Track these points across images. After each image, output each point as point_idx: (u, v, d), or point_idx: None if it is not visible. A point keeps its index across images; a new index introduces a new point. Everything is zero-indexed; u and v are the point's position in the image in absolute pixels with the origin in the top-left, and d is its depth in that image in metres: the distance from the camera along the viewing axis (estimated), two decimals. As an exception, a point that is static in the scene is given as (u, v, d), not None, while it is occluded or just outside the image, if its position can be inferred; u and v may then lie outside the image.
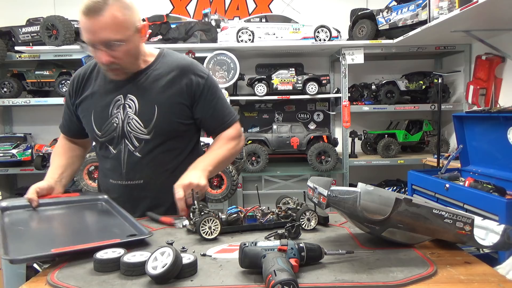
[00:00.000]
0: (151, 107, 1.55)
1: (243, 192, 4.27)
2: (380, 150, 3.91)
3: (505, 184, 2.29)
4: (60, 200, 1.48)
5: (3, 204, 1.37)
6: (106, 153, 1.63)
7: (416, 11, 3.49)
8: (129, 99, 1.56)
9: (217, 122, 1.68)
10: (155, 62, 1.61)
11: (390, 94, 3.99)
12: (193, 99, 1.61)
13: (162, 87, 1.57)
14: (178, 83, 1.58)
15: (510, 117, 2.33)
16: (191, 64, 1.63)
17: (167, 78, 1.58)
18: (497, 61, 3.35)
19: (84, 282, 0.95)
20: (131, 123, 1.56)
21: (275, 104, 4.59)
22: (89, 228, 1.37)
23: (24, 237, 1.23)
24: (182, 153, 1.66)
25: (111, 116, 1.57)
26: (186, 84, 1.58)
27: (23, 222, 1.33)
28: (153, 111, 1.55)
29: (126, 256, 1.00)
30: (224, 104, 1.70)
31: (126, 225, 1.30)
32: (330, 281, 0.92)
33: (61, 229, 1.36)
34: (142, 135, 1.56)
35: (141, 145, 1.57)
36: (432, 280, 0.94)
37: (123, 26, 1.41)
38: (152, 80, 1.58)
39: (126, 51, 1.45)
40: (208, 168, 1.54)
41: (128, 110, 1.56)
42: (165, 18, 4.02)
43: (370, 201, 1.10)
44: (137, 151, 1.57)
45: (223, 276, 0.97)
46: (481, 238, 1.13)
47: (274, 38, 3.87)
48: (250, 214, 1.35)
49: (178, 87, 1.58)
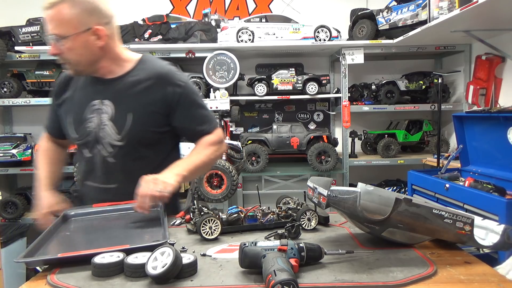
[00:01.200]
0: (125, 114, 1.54)
1: (243, 192, 4.27)
2: (380, 150, 3.91)
3: (505, 184, 2.29)
4: (118, 207, 1.53)
5: (68, 212, 1.50)
6: (83, 155, 1.63)
7: (416, 11, 3.49)
8: (105, 105, 1.56)
9: (196, 129, 1.65)
10: (134, 69, 1.60)
11: (390, 94, 3.99)
12: (169, 108, 1.59)
13: (137, 94, 1.55)
14: (154, 92, 1.56)
15: (510, 117, 2.33)
16: (168, 73, 1.60)
17: (144, 85, 1.56)
18: (497, 61, 3.35)
19: (84, 282, 0.95)
20: (105, 128, 1.55)
21: (275, 104, 4.59)
22: (120, 234, 1.33)
23: (58, 241, 1.25)
24: (156, 160, 1.62)
25: (87, 120, 1.57)
26: (162, 94, 1.57)
27: (76, 228, 1.41)
28: (127, 118, 1.54)
29: (129, 257, 1.00)
30: (203, 112, 1.66)
31: (161, 232, 1.25)
32: (330, 281, 0.92)
33: (95, 234, 1.35)
34: (115, 142, 1.55)
35: (115, 151, 1.56)
36: (432, 280, 0.94)
37: (67, 23, 1.41)
38: (128, 87, 1.56)
39: (69, 48, 1.44)
40: (183, 172, 1.49)
41: (103, 116, 1.55)
42: (165, 18, 4.01)
43: (370, 201, 1.10)
44: (110, 156, 1.57)
45: (223, 276, 0.97)
46: (481, 238, 1.13)
47: (274, 38, 3.87)
48: (251, 214, 1.35)
49: (153, 96, 1.56)
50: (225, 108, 3.78)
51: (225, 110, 3.81)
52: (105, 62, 1.55)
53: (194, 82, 3.96)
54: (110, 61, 1.56)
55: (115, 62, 1.58)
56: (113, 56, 1.57)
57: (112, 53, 1.56)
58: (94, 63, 1.53)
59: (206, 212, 1.33)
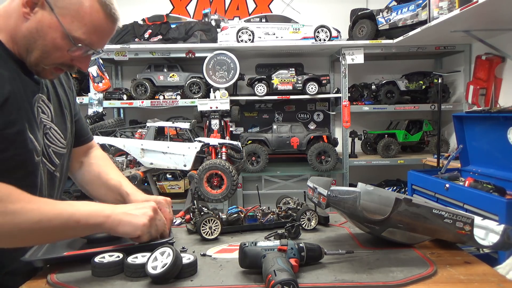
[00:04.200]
0: (64, 107, 1.26)
1: (243, 192, 4.27)
2: (380, 150, 3.91)
3: (505, 184, 2.29)
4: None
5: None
6: (28, 180, 1.11)
7: (416, 11, 3.49)
8: (41, 101, 1.15)
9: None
10: None
11: (390, 94, 3.99)
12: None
13: (61, 86, 1.29)
14: (68, 84, 1.34)
15: (510, 117, 2.33)
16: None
17: (63, 78, 1.32)
18: (497, 61, 3.35)
19: (84, 282, 0.95)
20: (49, 133, 1.18)
21: (275, 104, 4.59)
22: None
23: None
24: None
25: (39, 122, 1.14)
26: (69, 87, 1.34)
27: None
28: (65, 117, 1.26)
29: (129, 257, 1.00)
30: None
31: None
32: (330, 281, 0.92)
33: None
34: (61, 149, 1.22)
35: (60, 162, 1.23)
36: (432, 280, 0.94)
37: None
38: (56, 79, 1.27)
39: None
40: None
41: (42, 116, 1.15)
42: (165, 18, 4.02)
43: (370, 201, 1.11)
44: (57, 170, 1.23)
45: (223, 276, 0.97)
46: (481, 238, 1.13)
47: (274, 38, 3.87)
48: (251, 214, 1.35)
49: (70, 88, 1.34)
50: (225, 108, 3.79)
51: (225, 110, 3.81)
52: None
53: (194, 82, 3.96)
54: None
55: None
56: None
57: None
58: None
59: (206, 212, 1.32)
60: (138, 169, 3.22)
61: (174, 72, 4.07)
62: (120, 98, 3.98)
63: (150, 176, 3.44)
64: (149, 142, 3.18)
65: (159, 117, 3.85)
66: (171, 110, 4.17)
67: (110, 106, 3.99)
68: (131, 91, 4.01)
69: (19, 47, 1.06)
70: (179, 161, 3.15)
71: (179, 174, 3.75)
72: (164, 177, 3.80)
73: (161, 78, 4.06)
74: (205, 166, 3.03)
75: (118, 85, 4.56)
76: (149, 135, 3.22)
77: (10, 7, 1.05)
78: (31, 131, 1.08)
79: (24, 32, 1.03)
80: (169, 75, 4.06)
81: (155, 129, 3.24)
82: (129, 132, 3.45)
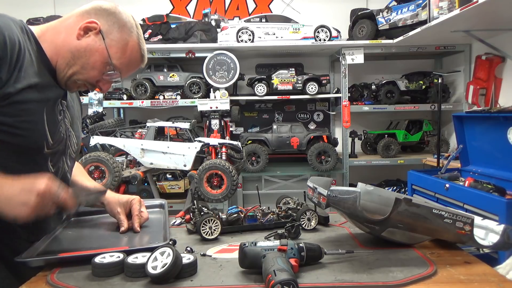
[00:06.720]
0: (77, 118, 1.39)
1: (243, 192, 4.27)
2: (380, 150, 3.91)
3: (505, 184, 2.29)
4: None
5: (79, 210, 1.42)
6: (36, 170, 1.13)
7: (416, 11, 3.49)
8: (64, 106, 1.28)
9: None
10: None
11: (390, 94, 3.99)
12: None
13: (77, 99, 1.46)
14: (79, 98, 1.49)
15: (510, 117, 2.33)
16: None
17: (76, 93, 1.47)
18: (497, 61, 3.35)
19: (84, 282, 0.95)
20: (71, 136, 1.32)
21: (275, 104, 4.59)
22: (121, 235, 1.30)
23: (60, 240, 1.24)
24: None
25: (59, 122, 1.23)
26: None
27: (80, 227, 1.39)
28: (78, 124, 1.40)
29: (129, 258, 1.00)
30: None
31: (162, 233, 1.25)
32: (330, 281, 0.92)
33: (96, 234, 1.33)
34: (73, 154, 1.36)
35: (70, 165, 1.37)
36: (432, 280, 0.94)
37: None
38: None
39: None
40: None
41: (65, 120, 1.28)
42: (165, 18, 4.02)
43: (370, 201, 1.11)
44: (69, 172, 1.38)
45: (223, 276, 0.97)
46: (481, 238, 1.13)
47: (274, 38, 3.87)
48: (251, 214, 1.35)
49: (80, 103, 1.48)
50: (225, 108, 3.79)
51: (225, 110, 3.81)
52: None
53: (194, 82, 3.96)
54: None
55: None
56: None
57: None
58: None
59: (206, 212, 1.32)
60: (138, 169, 3.22)
61: (174, 72, 4.07)
62: (120, 98, 3.99)
63: (150, 176, 3.44)
64: (149, 142, 3.18)
65: (159, 117, 3.85)
66: (171, 110, 4.17)
67: (110, 106, 3.99)
68: (131, 91, 4.01)
69: (60, 59, 1.18)
70: (179, 161, 3.15)
71: (179, 174, 3.75)
72: (164, 177, 3.80)
73: (161, 78, 4.06)
74: (205, 166, 3.03)
75: (118, 85, 4.56)
76: (149, 135, 3.22)
77: (61, 25, 1.21)
78: (48, 123, 1.16)
79: (72, 48, 1.17)
80: (169, 75, 4.06)
81: (155, 129, 3.24)
82: (129, 132, 3.45)
